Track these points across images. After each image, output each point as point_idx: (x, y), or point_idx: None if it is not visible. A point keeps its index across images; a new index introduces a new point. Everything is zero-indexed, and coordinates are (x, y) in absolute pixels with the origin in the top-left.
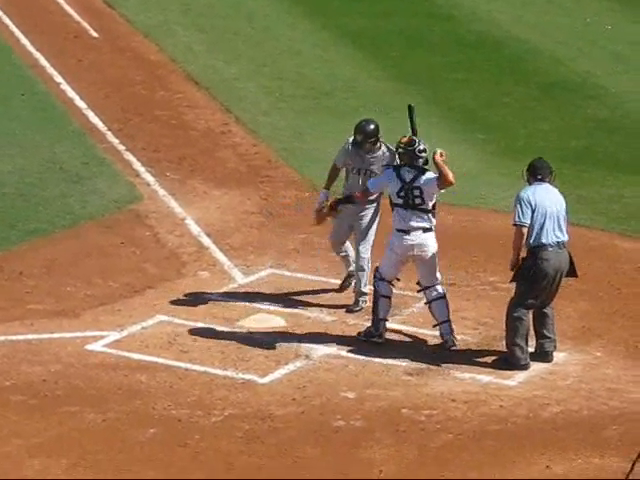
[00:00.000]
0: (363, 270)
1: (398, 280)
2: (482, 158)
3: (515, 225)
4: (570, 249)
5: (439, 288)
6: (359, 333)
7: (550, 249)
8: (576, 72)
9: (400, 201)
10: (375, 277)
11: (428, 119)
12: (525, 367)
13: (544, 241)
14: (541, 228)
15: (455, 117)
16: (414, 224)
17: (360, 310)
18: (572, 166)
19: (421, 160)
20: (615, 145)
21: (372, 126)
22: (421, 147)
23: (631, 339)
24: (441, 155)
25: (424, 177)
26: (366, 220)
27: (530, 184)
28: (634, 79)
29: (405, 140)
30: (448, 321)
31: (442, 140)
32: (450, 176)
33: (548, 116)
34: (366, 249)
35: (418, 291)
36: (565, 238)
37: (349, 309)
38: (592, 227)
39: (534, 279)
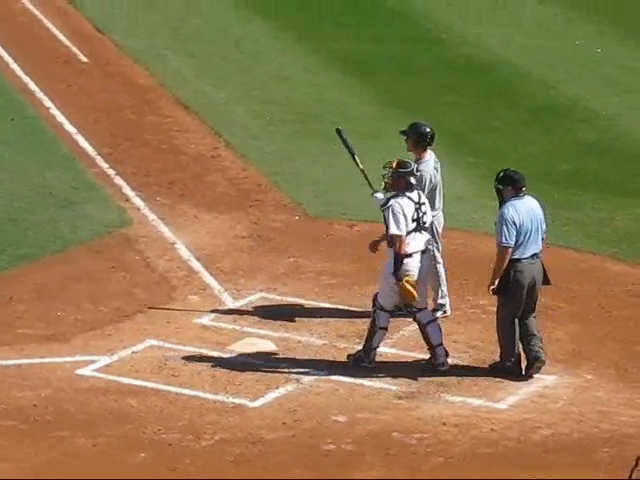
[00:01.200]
0: (439, 276)
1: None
2: (472, 181)
3: (501, 245)
4: (561, 272)
5: (431, 311)
6: (349, 356)
7: (524, 261)
8: (566, 95)
9: (414, 225)
10: (375, 306)
11: None
12: (519, 373)
13: (519, 256)
14: (520, 244)
15: (445, 140)
16: (427, 245)
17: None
18: (562, 189)
19: (414, 178)
20: (605, 168)
21: (422, 126)
22: (410, 167)
23: (621, 362)
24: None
25: (420, 194)
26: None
27: (507, 198)
28: (624, 102)
29: (396, 164)
30: (441, 344)
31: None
32: None
33: (538, 139)
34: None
35: (404, 315)
36: (539, 249)
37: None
38: (582, 250)
39: (511, 291)
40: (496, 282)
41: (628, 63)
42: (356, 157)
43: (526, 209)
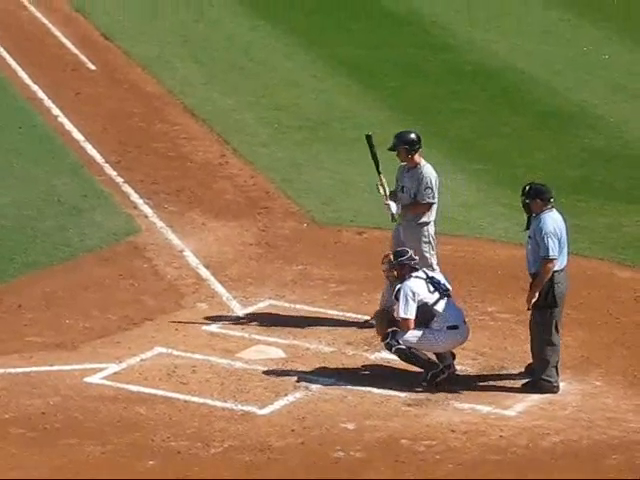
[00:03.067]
0: None
1: None
2: (480, 188)
3: (548, 259)
4: (568, 278)
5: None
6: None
7: (561, 273)
8: (573, 102)
9: (437, 295)
10: (391, 345)
11: (425, 149)
12: (556, 390)
13: (558, 267)
14: (559, 256)
15: (452, 147)
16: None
17: None
18: (569, 195)
19: (415, 262)
20: (612, 174)
21: (408, 134)
22: (408, 254)
23: (630, 368)
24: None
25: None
26: (421, 238)
27: (536, 211)
28: (631, 108)
29: (394, 256)
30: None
31: (439, 170)
32: None
33: (545, 146)
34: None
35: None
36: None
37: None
38: (590, 256)
39: (554, 304)
40: (537, 295)
41: (636, 69)
42: (380, 167)
43: (560, 220)
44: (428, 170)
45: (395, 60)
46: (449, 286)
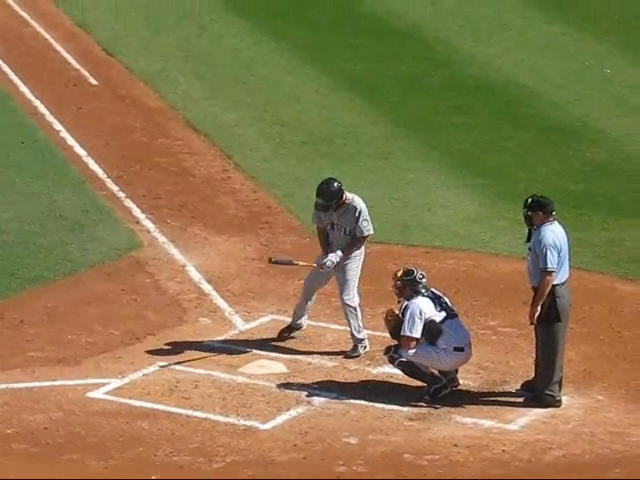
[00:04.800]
0: (355, 317)
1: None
2: (482, 202)
3: (547, 271)
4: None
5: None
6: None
7: (563, 286)
8: (575, 116)
9: (444, 314)
10: (394, 358)
11: (428, 164)
12: (559, 404)
13: (559, 281)
14: (560, 269)
15: (455, 162)
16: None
17: (359, 356)
18: (572, 209)
19: (421, 285)
20: (615, 188)
21: (333, 187)
22: (419, 275)
23: (632, 382)
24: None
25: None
26: (350, 270)
27: (538, 224)
28: (633, 122)
29: (401, 273)
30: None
31: (442, 185)
32: None
33: (547, 160)
34: (351, 297)
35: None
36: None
37: (348, 355)
38: (592, 270)
39: (557, 318)
40: (539, 309)
41: (638, 83)
42: (298, 263)
43: (561, 233)
44: (358, 202)
45: (397, 75)
46: (454, 308)
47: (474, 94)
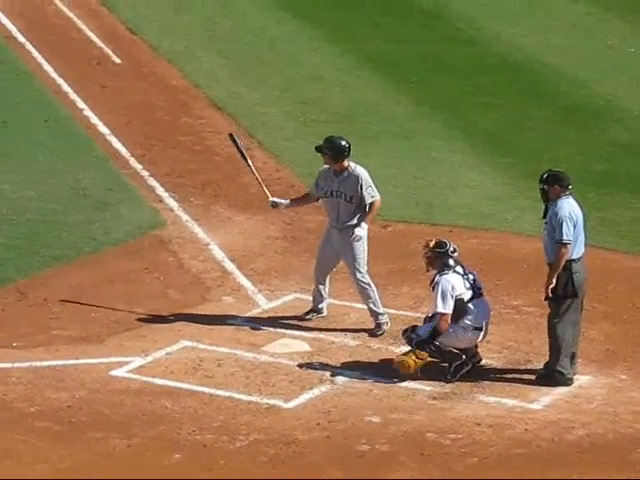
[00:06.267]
0: (372, 292)
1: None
2: (506, 182)
3: (562, 243)
4: (594, 272)
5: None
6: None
7: (579, 262)
8: (599, 95)
9: (470, 292)
10: (412, 338)
11: (452, 143)
12: (570, 382)
13: (575, 256)
14: (575, 243)
15: (479, 141)
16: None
17: (383, 334)
18: (595, 189)
19: (452, 258)
20: (638, 168)
21: (340, 142)
22: (451, 248)
23: None
24: None
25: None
26: (356, 249)
27: (555, 197)
28: None
29: (434, 243)
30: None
31: (465, 164)
32: None
33: (571, 139)
34: (363, 274)
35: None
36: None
37: (372, 333)
38: (615, 250)
39: (574, 294)
40: (554, 281)
41: None
42: (249, 162)
43: (576, 205)
44: (361, 170)
45: (421, 54)
46: (481, 285)
47: (498, 73)
